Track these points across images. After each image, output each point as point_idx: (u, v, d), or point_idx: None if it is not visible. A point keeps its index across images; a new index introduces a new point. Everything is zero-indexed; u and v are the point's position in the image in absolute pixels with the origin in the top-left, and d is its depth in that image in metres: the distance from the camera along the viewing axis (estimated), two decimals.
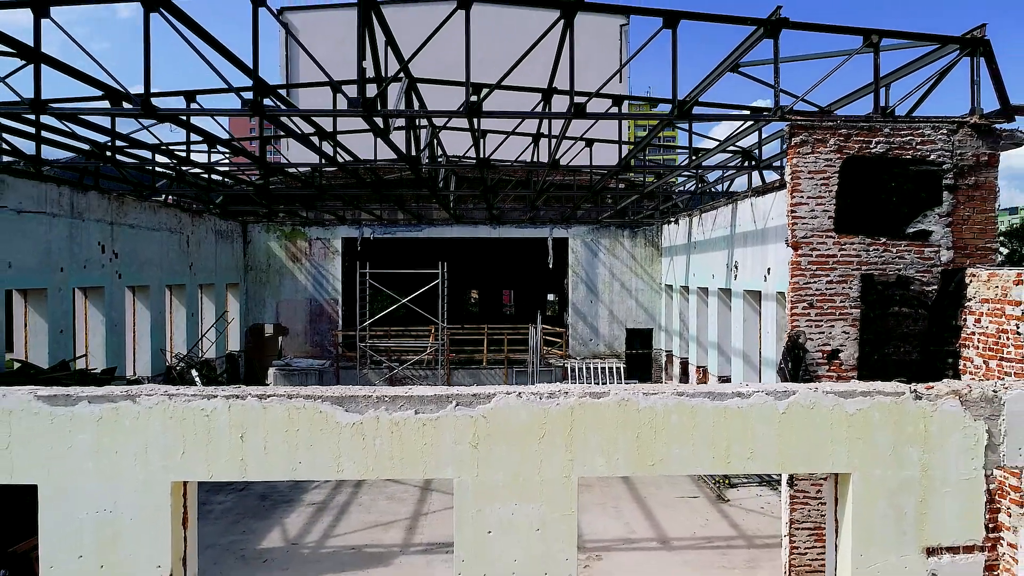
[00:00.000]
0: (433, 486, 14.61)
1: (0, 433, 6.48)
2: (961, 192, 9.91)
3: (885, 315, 9.89)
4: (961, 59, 10.00)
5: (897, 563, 6.80)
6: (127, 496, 6.51)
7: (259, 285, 27.35)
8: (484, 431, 6.59)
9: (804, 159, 9.83)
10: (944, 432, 6.80)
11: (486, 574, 6.66)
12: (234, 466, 6.58)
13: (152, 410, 6.53)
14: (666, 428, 6.71)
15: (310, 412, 6.54)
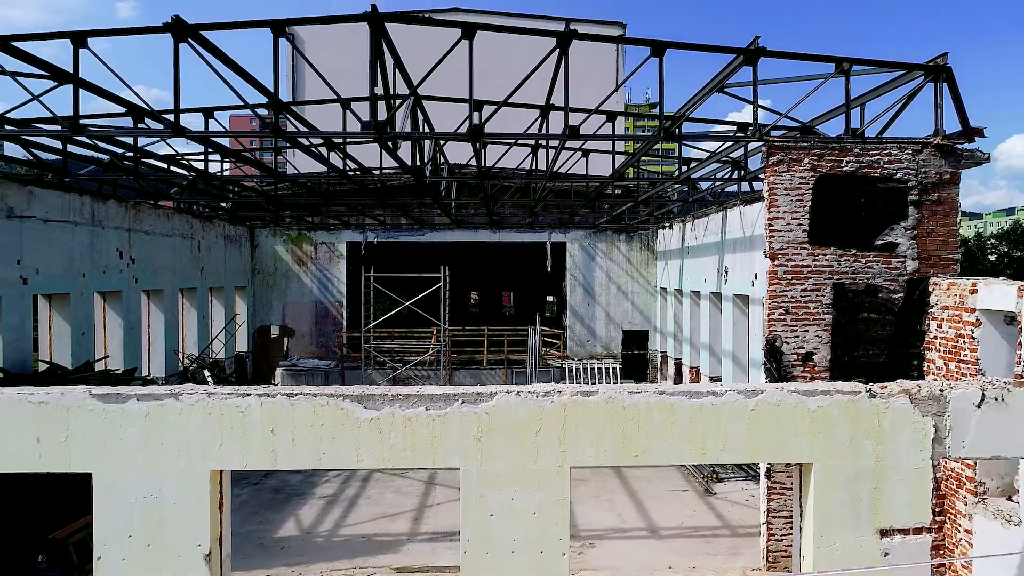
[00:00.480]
0: (436, 481, 15.45)
1: (59, 427, 7.30)
2: (925, 207, 10.76)
3: (855, 320, 10.74)
4: (926, 84, 10.85)
5: (854, 543, 7.63)
6: (171, 483, 7.34)
7: (266, 288, 28.20)
8: (487, 426, 7.42)
9: (780, 177, 10.68)
10: (896, 427, 7.63)
11: (488, 552, 7.48)
12: (266, 456, 7.42)
13: (193, 407, 7.36)
14: (648, 423, 7.54)
15: (333, 409, 7.37)
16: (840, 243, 10.72)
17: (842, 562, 7.59)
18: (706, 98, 12.12)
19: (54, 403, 7.34)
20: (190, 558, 7.35)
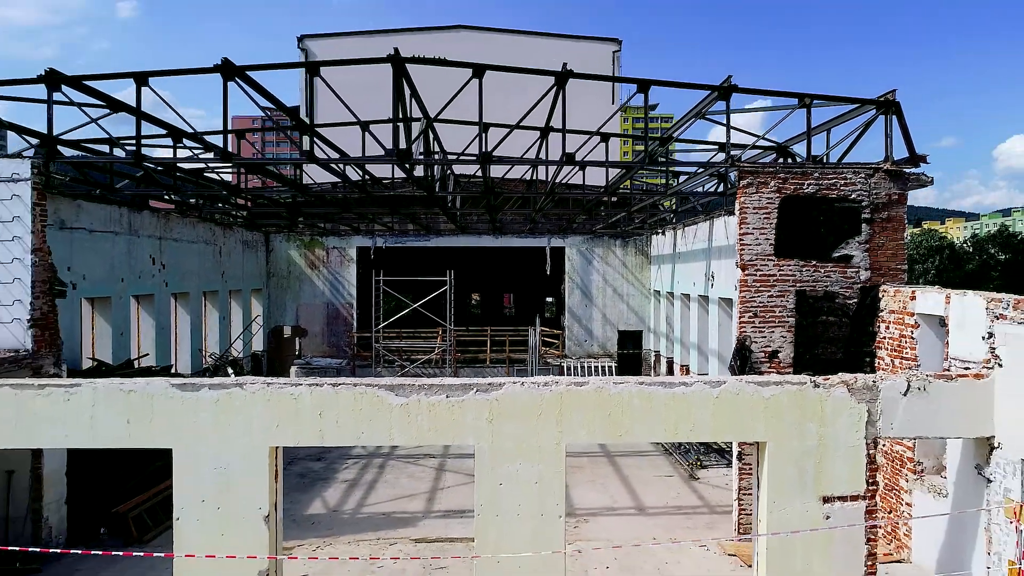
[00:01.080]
0: (446, 468, 17.00)
1: (146, 410, 8.87)
2: (876, 224, 12.32)
3: (815, 323, 12.30)
4: (878, 116, 12.41)
5: (801, 509, 9.20)
6: (237, 457, 8.89)
7: (280, 290, 29.73)
8: (497, 410, 8.98)
9: (750, 198, 12.23)
10: (836, 412, 9.20)
11: (498, 515, 9.04)
12: (314, 435, 8.99)
13: (255, 394, 8.93)
14: (631, 408, 9.11)
15: (370, 396, 8.94)
16: (802, 255, 12.28)
17: (791, 524, 9.17)
18: (691, 124, 13.68)
19: (141, 391, 8.90)
20: (252, 519, 8.90)
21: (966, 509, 9.84)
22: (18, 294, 11.16)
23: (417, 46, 30.42)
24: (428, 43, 29.81)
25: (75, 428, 8.78)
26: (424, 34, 30.24)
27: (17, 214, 11.12)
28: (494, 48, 30.42)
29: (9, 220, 11.09)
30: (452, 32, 30.35)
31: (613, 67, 30.89)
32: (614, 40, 30.70)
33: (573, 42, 30.86)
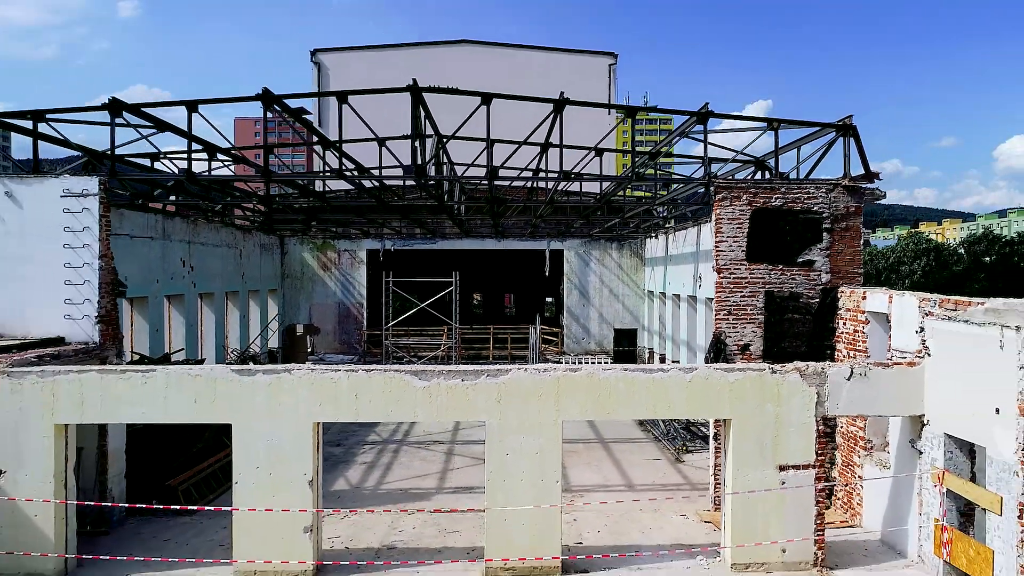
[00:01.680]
0: (455, 452, 18.68)
1: (210, 392, 10.57)
2: (836, 233, 14.01)
3: (782, 320, 13.99)
4: (838, 138, 14.11)
5: (760, 476, 10.89)
6: (286, 431, 10.58)
7: (295, 291, 31.44)
8: (504, 392, 10.68)
9: (725, 210, 13.93)
10: (790, 393, 10.90)
11: (505, 480, 10.73)
12: (351, 412, 10.70)
13: (301, 378, 10.63)
14: (616, 391, 10.80)
15: (398, 380, 10.64)
16: (771, 260, 13.97)
17: (753, 488, 10.84)
18: (675, 143, 15.35)
19: (206, 375, 10.61)
20: (298, 484, 10.60)
21: (902, 476, 11.53)
22: (87, 294, 12.84)
23: (425, 59, 32.23)
24: (435, 57, 31.51)
25: (151, 406, 10.48)
26: (431, 48, 31.95)
27: (87, 224, 12.80)
28: (496, 61, 32.16)
29: (80, 230, 12.77)
30: (457, 47, 32.05)
31: (609, 79, 32.61)
32: (610, 54, 32.42)
33: (572, 56, 32.58)
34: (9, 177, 12.92)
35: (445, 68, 30.77)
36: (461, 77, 30.96)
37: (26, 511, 10.37)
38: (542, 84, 31.28)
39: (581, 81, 31.10)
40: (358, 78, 31.39)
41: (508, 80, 31.34)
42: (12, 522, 10.34)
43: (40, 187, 12.92)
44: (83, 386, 10.41)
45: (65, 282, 12.85)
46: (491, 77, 31.35)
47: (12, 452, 10.36)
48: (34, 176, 13.09)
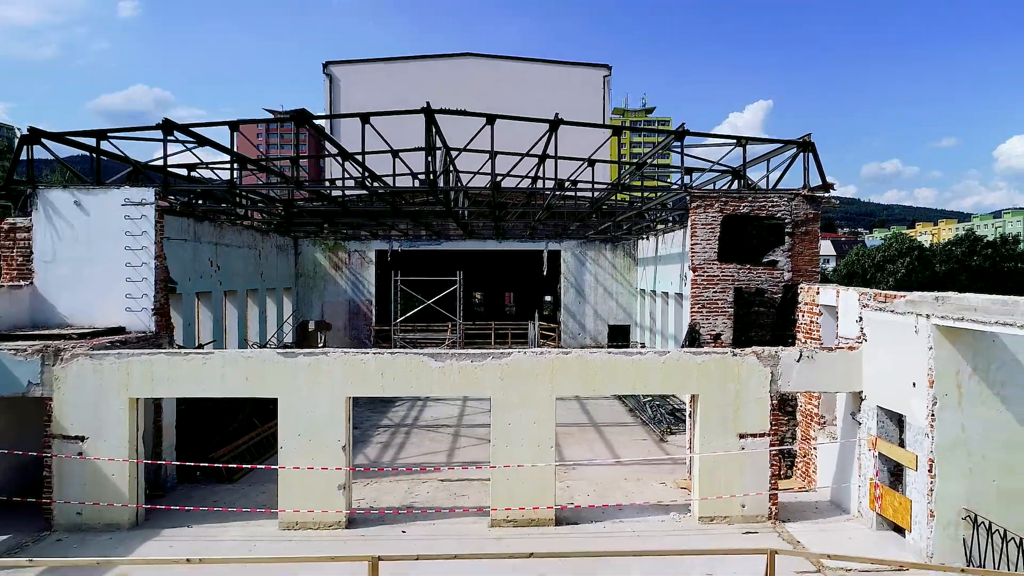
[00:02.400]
0: (461, 433, 20.64)
1: (259, 371, 12.52)
2: (796, 236, 15.99)
3: (749, 312, 15.97)
4: (799, 153, 16.08)
5: (724, 442, 12.85)
6: (322, 404, 12.53)
7: (308, 289, 33.40)
8: (507, 371, 12.63)
9: (699, 216, 15.91)
10: (748, 373, 12.85)
11: (508, 446, 12.69)
12: (378, 388, 12.65)
13: (336, 360, 12.59)
14: (601, 371, 12.77)
15: (417, 361, 12.61)
16: (739, 260, 15.95)
17: (718, 452, 12.79)
18: (656, 154, 17.31)
19: (256, 357, 12.58)
20: (333, 448, 12.55)
21: (845, 443, 13.51)
22: (145, 290, 14.81)
23: (431, 72, 34.21)
24: (440, 69, 33.49)
25: (210, 383, 12.46)
26: (437, 61, 33.92)
27: (144, 229, 14.77)
28: (498, 73, 34.12)
29: (139, 234, 14.74)
30: (461, 59, 34.02)
31: (604, 90, 34.59)
32: (604, 66, 34.41)
33: (568, 67, 34.58)
34: (77, 188, 14.90)
35: (450, 79, 32.76)
36: (465, 88, 33.01)
37: (105, 471, 12.34)
38: (540, 95, 33.38)
39: (577, 92, 33.11)
40: (368, 89, 33.39)
41: (508, 91, 33.37)
42: (93, 480, 12.31)
43: (104, 197, 14.90)
44: (153, 366, 12.38)
45: (126, 279, 14.83)
46: (493, 88, 33.39)
47: (93, 422, 12.33)
48: (98, 187, 15.07)
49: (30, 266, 14.81)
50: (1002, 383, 10.88)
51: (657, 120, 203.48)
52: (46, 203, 14.81)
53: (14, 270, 14.79)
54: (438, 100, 19.52)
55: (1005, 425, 10.87)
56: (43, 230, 14.83)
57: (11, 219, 14.87)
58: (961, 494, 10.89)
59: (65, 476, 12.34)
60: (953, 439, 10.87)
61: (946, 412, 10.86)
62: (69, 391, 12.31)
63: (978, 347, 10.84)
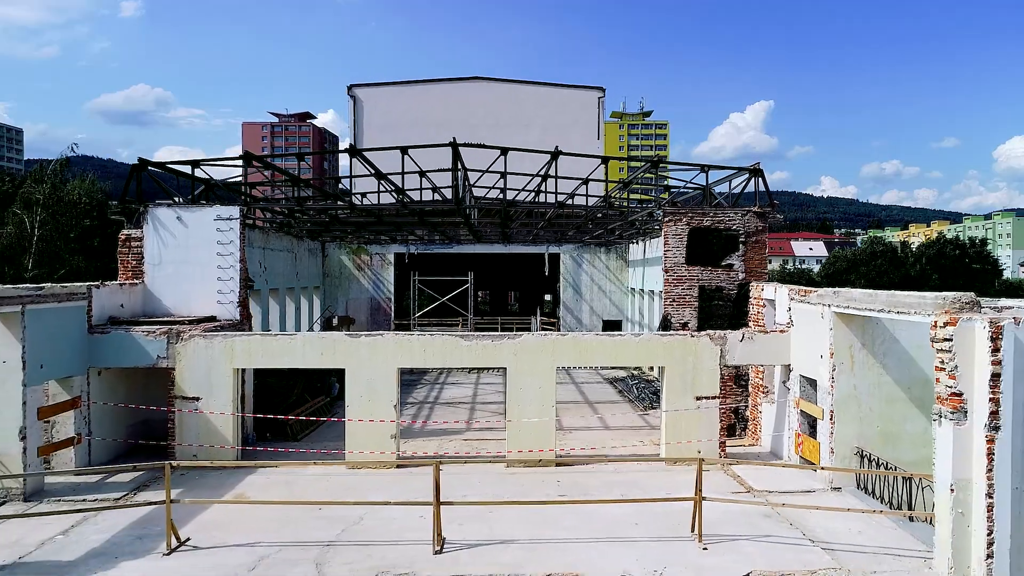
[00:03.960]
0: (476, 409, 24.59)
1: (331, 348, 16.48)
2: (749, 245, 19.95)
3: (711, 305, 19.93)
4: (752, 178, 20.05)
5: (684, 402, 16.83)
6: (379, 373, 16.49)
7: (333, 288, 37.34)
8: (519, 348, 16.60)
9: (671, 228, 19.86)
10: (703, 350, 16.82)
11: (519, 406, 16.65)
12: (421, 361, 16.64)
13: (389, 339, 16.58)
14: (591, 348, 16.75)
15: (452, 340, 16.58)
16: (703, 263, 19.90)
17: (680, 410, 16.74)
18: (640, 175, 21.27)
19: (328, 338, 16.56)
20: (387, 406, 16.50)
21: (780, 403, 17.48)
22: (233, 287, 18.77)
23: (444, 94, 38.21)
24: (453, 92, 37.45)
25: (293, 357, 16.43)
26: (450, 84, 37.87)
27: (232, 239, 18.73)
28: (504, 95, 38.09)
29: (227, 243, 18.70)
30: (471, 83, 37.96)
31: (598, 109, 38.55)
32: (599, 88, 38.40)
33: (566, 90, 38.55)
34: (179, 206, 18.87)
35: (462, 100, 36.72)
36: (475, 108, 36.97)
37: (214, 423, 16.29)
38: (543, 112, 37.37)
39: (575, 111, 37.04)
40: (390, 107, 37.32)
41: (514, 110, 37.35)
42: (206, 429, 16.27)
43: (199, 213, 18.87)
44: (250, 344, 16.35)
45: (217, 279, 18.79)
46: (500, 108, 37.37)
47: (206, 385, 16.28)
48: (195, 205, 19.04)
49: (142, 268, 18.78)
50: (883, 354, 14.85)
51: (654, 123, 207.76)
52: (154, 218, 18.79)
53: (129, 271, 18.76)
54: (451, 119, 23.48)
55: (885, 385, 14.84)
56: (152, 239, 18.81)
57: (126, 231, 18.85)
58: (853, 436, 14.85)
59: (184, 426, 16.31)
60: (847, 395, 14.83)
61: (842, 376, 14.83)
62: (187, 362, 16.28)
63: (866, 327, 14.81)
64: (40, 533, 12.43)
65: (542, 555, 11.56)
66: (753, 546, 11.93)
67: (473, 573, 10.83)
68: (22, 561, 11.32)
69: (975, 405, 10.42)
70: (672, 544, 11.98)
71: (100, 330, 16.30)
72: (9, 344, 13.98)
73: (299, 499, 14.04)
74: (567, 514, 13.33)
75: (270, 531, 12.51)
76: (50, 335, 14.78)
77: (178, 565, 11.11)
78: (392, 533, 12.44)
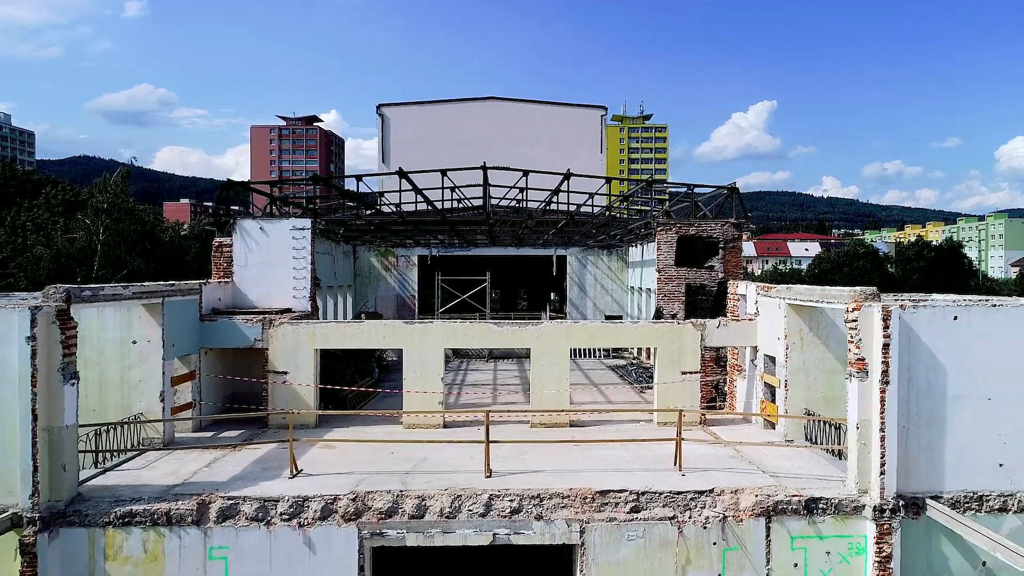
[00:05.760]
0: (498, 391, 28.85)
1: (391, 332, 20.82)
2: (727, 250, 24.19)
3: (696, 299, 24.17)
4: (729, 195, 24.32)
5: (672, 376, 21.15)
6: (430, 353, 20.83)
7: (363, 286, 41.60)
8: (540, 333, 20.94)
9: (663, 236, 24.10)
10: (686, 334, 21.11)
11: (540, 378, 20.95)
12: (463, 343, 21.06)
13: (438, 325, 20.94)
14: (598, 332, 21.13)
15: (487, 326, 20.93)
16: (689, 265, 24.15)
17: (669, 383, 21.03)
18: (637, 192, 25.55)
19: (389, 324, 20.85)
20: (435, 378, 20.81)
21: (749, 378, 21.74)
22: (305, 284, 23.03)
23: (463, 113, 42.49)
24: (470, 111, 41.71)
25: (359, 340, 20.73)
26: (468, 103, 42.12)
27: (304, 246, 22.99)
28: (515, 113, 42.34)
29: (301, 249, 22.97)
30: (486, 102, 42.22)
31: (601, 125, 42.82)
32: (601, 107, 42.71)
33: (571, 108, 42.85)
34: (262, 219, 23.12)
35: (478, 118, 40.99)
36: (491, 125, 41.22)
37: (299, 392, 20.54)
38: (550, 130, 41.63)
39: (579, 128, 41.27)
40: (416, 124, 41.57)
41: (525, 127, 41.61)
42: (293, 398, 20.52)
43: (278, 224, 23.13)
44: (327, 329, 20.61)
45: (293, 278, 23.05)
46: (513, 125, 41.63)
47: (292, 362, 20.52)
48: (274, 218, 23.31)
49: (231, 269, 23.05)
50: (826, 336, 19.09)
51: (654, 127, 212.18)
52: (241, 228, 23.07)
53: (221, 272, 23.04)
54: (468, 136, 27.62)
55: (827, 360, 19.07)
56: (239, 246, 23.07)
57: (218, 239, 23.12)
58: (803, 400, 19.08)
59: (275, 395, 20.56)
60: (797, 368, 19.06)
61: (794, 353, 19.06)
62: (278, 344, 20.53)
63: (812, 315, 19.05)
64: (190, 467, 16.71)
65: (563, 479, 15.81)
66: (719, 474, 16.19)
67: (515, 487, 15.10)
68: (186, 483, 15.59)
69: (873, 367, 14.66)
70: (659, 473, 16.24)
71: (209, 318, 20.57)
72: (153, 328, 18.27)
73: (376, 448, 18.32)
74: (579, 456, 17.61)
75: (359, 465, 16.77)
76: (178, 321, 19.05)
77: (302, 483, 15.38)
78: (451, 466, 16.70)
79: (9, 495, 13.53)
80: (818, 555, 14.83)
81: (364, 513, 14.50)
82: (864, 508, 14.70)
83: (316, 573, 14.27)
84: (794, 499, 14.89)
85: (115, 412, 18.43)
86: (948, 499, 14.73)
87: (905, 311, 14.62)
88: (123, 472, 16.38)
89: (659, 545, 14.71)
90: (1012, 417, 14.79)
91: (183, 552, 14.15)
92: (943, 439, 14.77)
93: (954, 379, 14.74)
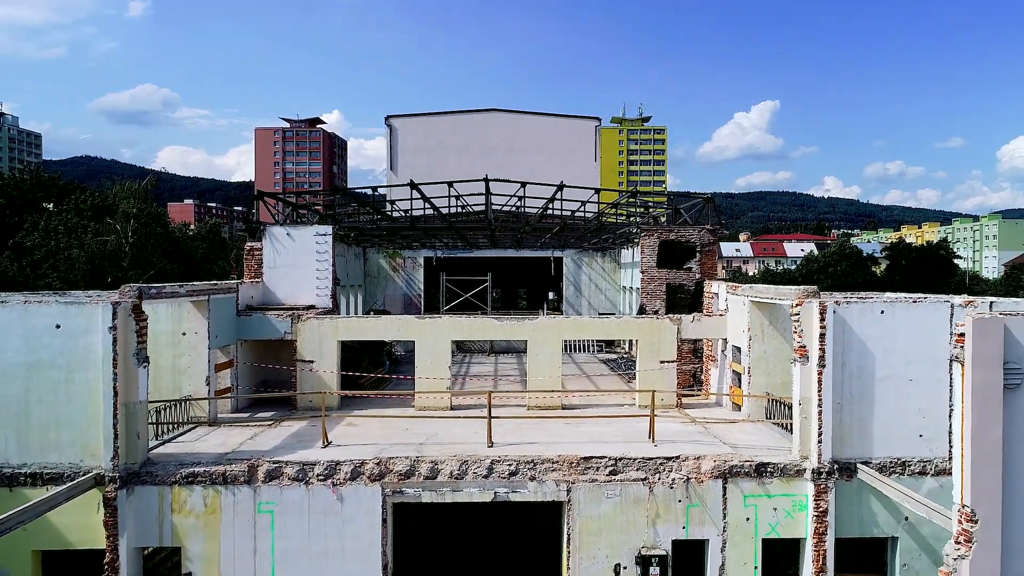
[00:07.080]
0: (500, 380, 31.70)
1: (405, 325, 23.78)
2: (703, 253, 27.04)
3: (676, 297, 27.03)
4: (706, 205, 27.15)
5: (652, 365, 24.07)
6: (439, 344, 23.77)
7: (373, 286, 44.47)
8: (536, 326, 23.86)
9: (645, 241, 26.96)
10: (665, 328, 24.05)
11: (536, 365, 23.85)
12: (468, 335, 24.01)
13: (446, 319, 23.87)
14: (586, 325, 24.10)
15: (489, 320, 23.88)
16: (669, 266, 26.99)
17: (649, 370, 23.91)
18: (624, 201, 28.43)
19: (403, 319, 23.89)
20: (444, 366, 23.76)
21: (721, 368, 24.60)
22: (326, 284, 25.90)
23: (466, 123, 45.36)
24: (473, 122, 44.56)
25: (376, 332, 23.63)
26: (471, 115, 44.97)
27: (326, 250, 25.85)
28: (515, 124, 45.18)
29: (323, 252, 25.83)
30: (488, 114, 45.08)
31: (595, 135, 45.65)
32: (595, 118, 45.54)
33: (567, 120, 45.69)
34: (289, 226, 26.00)
35: (480, 128, 43.83)
36: (492, 135, 44.08)
37: (323, 378, 23.40)
38: (547, 140, 44.46)
39: (575, 138, 44.09)
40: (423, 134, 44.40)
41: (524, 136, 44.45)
42: (319, 383, 23.38)
43: (303, 230, 25.99)
44: (349, 323, 23.47)
45: (316, 278, 25.92)
46: (512, 134, 44.47)
47: (317, 352, 23.38)
48: (299, 225, 26.18)
49: (261, 270, 25.92)
50: (784, 329, 21.93)
51: (653, 129, 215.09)
52: (271, 234, 25.93)
53: (252, 273, 25.91)
54: (471, 144, 30.42)
55: (785, 350, 21.90)
56: (269, 249, 25.94)
57: (249, 243, 26.00)
58: (764, 385, 21.92)
59: (303, 381, 23.43)
60: (759, 357, 21.91)
61: (756, 343, 21.91)
62: (305, 336, 23.39)
63: (772, 310, 21.89)
64: (235, 439, 19.58)
65: (554, 448, 18.67)
66: (686, 445, 19.05)
67: (513, 454, 17.97)
68: (235, 451, 18.46)
69: (812, 352, 17.50)
70: (635, 444, 19.10)
71: (245, 313, 23.45)
72: (200, 321, 21.15)
73: (393, 425, 21.19)
74: (569, 431, 20.48)
75: (379, 439, 19.64)
76: (220, 315, 21.93)
77: (333, 452, 18.26)
78: (459, 439, 19.57)
79: (93, 459, 16.38)
80: (767, 511, 17.68)
81: (386, 475, 17.37)
82: (805, 471, 17.55)
83: (347, 524, 17.13)
84: (747, 464, 17.74)
85: (167, 394, 21.30)
86: (876, 464, 17.56)
87: (840, 306, 17.47)
88: (179, 443, 19.26)
89: (633, 502, 17.57)
90: (930, 395, 17.62)
91: (236, 506, 17.02)
92: (872, 413, 17.60)
93: (881, 363, 17.56)
